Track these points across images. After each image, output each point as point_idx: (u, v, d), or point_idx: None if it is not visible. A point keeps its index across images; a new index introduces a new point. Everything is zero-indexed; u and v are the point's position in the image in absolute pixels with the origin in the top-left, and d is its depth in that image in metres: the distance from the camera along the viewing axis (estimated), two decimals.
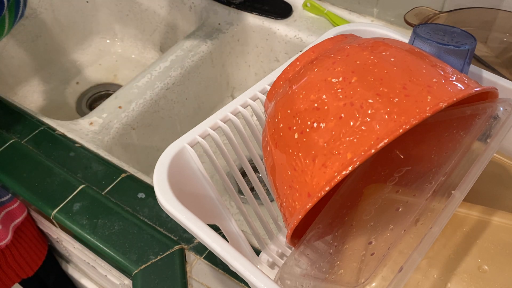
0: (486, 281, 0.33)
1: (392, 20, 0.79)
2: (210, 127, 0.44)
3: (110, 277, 0.59)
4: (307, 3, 0.84)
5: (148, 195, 0.57)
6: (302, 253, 0.40)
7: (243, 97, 0.46)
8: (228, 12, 0.86)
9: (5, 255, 0.62)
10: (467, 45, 0.42)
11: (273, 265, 0.48)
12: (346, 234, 0.39)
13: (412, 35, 0.44)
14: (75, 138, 0.65)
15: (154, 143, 0.80)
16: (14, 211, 0.62)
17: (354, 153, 0.31)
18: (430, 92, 0.32)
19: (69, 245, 0.62)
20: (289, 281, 0.37)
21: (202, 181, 0.44)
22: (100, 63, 1.04)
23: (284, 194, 0.36)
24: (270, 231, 0.50)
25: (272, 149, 0.37)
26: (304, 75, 0.37)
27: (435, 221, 0.30)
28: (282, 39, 0.83)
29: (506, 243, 0.34)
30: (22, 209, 0.63)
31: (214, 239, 0.35)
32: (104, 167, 0.61)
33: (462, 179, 0.32)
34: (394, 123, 0.31)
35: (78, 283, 0.71)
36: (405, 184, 0.39)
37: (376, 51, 0.35)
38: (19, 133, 0.65)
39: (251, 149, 0.47)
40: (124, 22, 1.06)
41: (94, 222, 0.55)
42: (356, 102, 0.32)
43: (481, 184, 0.36)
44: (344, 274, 0.35)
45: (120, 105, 0.73)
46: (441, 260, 0.34)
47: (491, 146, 0.33)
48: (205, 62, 0.84)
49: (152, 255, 0.51)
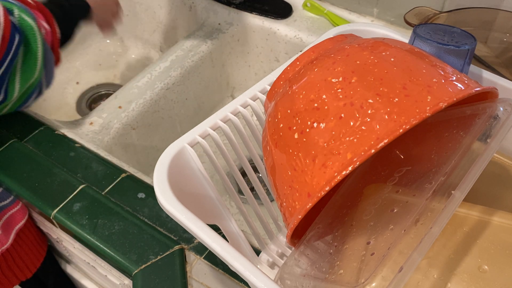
0: (486, 281, 0.33)
1: (392, 20, 0.79)
2: (210, 127, 0.44)
3: (110, 277, 0.59)
4: (307, 3, 0.84)
5: (148, 195, 0.57)
6: (302, 253, 0.40)
7: (243, 97, 0.46)
8: (228, 12, 0.86)
9: (6, 259, 0.62)
10: (467, 45, 0.42)
11: (273, 265, 0.48)
12: (346, 234, 0.39)
13: (412, 35, 0.44)
14: (75, 138, 0.65)
15: (154, 143, 0.80)
16: (15, 214, 0.62)
17: (354, 153, 0.31)
18: (430, 92, 0.32)
19: (69, 245, 0.62)
20: (289, 281, 0.37)
21: (202, 181, 0.44)
22: (100, 63, 1.04)
23: (284, 194, 0.36)
24: (270, 231, 0.50)
25: (272, 149, 0.37)
26: (304, 75, 0.37)
27: (435, 221, 0.30)
28: (282, 39, 0.83)
29: (506, 243, 0.34)
30: (24, 211, 0.63)
31: (214, 239, 0.35)
32: (104, 167, 0.61)
33: (462, 179, 0.32)
34: (394, 123, 0.31)
35: (78, 283, 0.71)
36: (405, 184, 0.39)
37: (376, 51, 0.35)
38: (19, 133, 0.65)
39: (251, 149, 0.47)
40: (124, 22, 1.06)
41: (94, 222, 0.55)
42: (356, 102, 0.32)
43: (481, 184, 0.36)
44: (344, 274, 0.35)
45: (120, 105, 0.73)
46: (441, 260, 0.34)
47: (491, 146, 0.33)
48: (205, 62, 0.84)
49: (152, 255, 0.51)
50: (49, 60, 0.59)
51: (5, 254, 0.61)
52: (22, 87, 0.56)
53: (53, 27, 0.61)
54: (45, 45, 0.58)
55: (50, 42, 0.60)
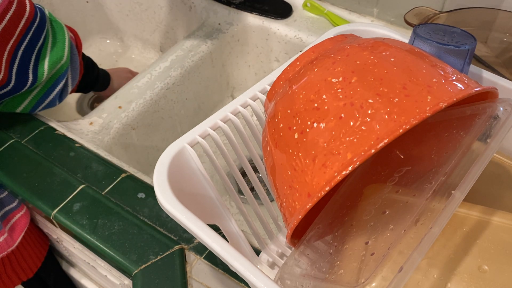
0: (486, 281, 0.33)
1: (392, 20, 0.79)
2: (210, 127, 0.44)
3: (110, 277, 0.59)
4: (307, 3, 0.84)
5: (148, 195, 0.57)
6: (302, 253, 0.40)
7: (243, 97, 0.46)
8: (228, 12, 0.86)
9: (10, 261, 0.62)
10: (467, 45, 0.42)
11: (273, 265, 0.48)
12: (346, 234, 0.39)
13: (412, 35, 0.44)
14: (75, 138, 0.65)
15: (154, 143, 0.80)
16: (22, 218, 0.62)
17: (354, 153, 0.31)
18: (430, 92, 0.32)
19: (69, 245, 0.62)
20: (289, 281, 0.37)
21: (202, 181, 0.44)
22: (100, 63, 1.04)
23: (284, 194, 0.36)
24: (270, 231, 0.50)
25: (272, 149, 0.37)
26: (304, 75, 0.37)
27: (435, 221, 0.30)
28: (282, 39, 0.83)
29: (506, 243, 0.34)
30: (28, 214, 0.63)
31: (214, 239, 0.35)
32: (104, 167, 0.61)
33: (462, 179, 0.32)
34: (394, 123, 0.31)
35: (78, 283, 0.71)
36: (405, 184, 0.39)
37: (376, 51, 0.35)
38: (19, 133, 0.65)
39: (251, 149, 0.47)
40: (124, 22, 1.06)
41: (94, 222, 0.55)
42: (356, 102, 0.32)
43: (481, 184, 0.36)
44: (344, 274, 0.35)
45: (120, 105, 0.73)
46: (441, 260, 0.34)
47: (491, 146, 0.33)
48: (205, 62, 0.84)
49: (152, 255, 0.51)
50: (74, 55, 0.66)
51: (10, 256, 0.61)
52: (50, 69, 0.61)
53: (77, 36, 0.69)
54: (72, 43, 0.65)
55: (74, 44, 0.67)
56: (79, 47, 0.69)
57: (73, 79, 0.68)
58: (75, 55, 0.67)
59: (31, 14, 0.58)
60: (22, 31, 0.57)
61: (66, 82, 0.66)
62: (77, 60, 0.68)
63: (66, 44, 0.63)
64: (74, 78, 0.68)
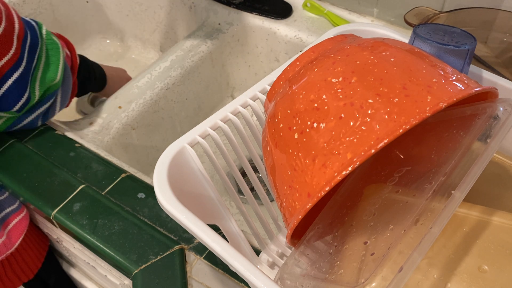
0: (486, 281, 0.33)
1: (392, 20, 0.79)
2: (210, 127, 0.44)
3: (110, 277, 0.59)
4: (307, 3, 0.84)
5: (148, 195, 0.57)
6: (302, 253, 0.40)
7: (243, 97, 0.46)
8: (228, 12, 0.86)
9: (10, 262, 0.62)
10: (467, 45, 0.42)
11: (273, 265, 0.48)
12: (346, 234, 0.39)
13: (412, 35, 0.44)
14: (75, 138, 0.65)
15: (154, 143, 0.80)
16: (21, 221, 0.62)
17: (354, 153, 0.31)
18: (430, 92, 0.32)
19: (69, 245, 0.62)
20: (289, 281, 0.37)
21: (202, 181, 0.44)
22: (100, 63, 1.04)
23: (284, 194, 0.36)
24: (270, 231, 0.50)
25: (272, 149, 0.37)
26: (304, 75, 0.37)
27: (435, 221, 0.30)
28: (282, 39, 0.83)
29: (506, 243, 0.34)
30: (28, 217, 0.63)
31: (214, 239, 0.35)
32: (104, 167, 0.61)
33: (462, 179, 0.32)
34: (394, 123, 0.31)
35: (78, 283, 0.71)
36: (405, 184, 0.39)
37: (376, 51, 0.35)
38: (19, 133, 0.65)
39: (251, 149, 0.47)
40: (124, 22, 1.06)
41: (94, 222, 0.55)
42: (356, 102, 0.32)
43: (481, 184, 0.36)
44: (344, 274, 0.35)
45: (120, 105, 0.73)
46: (441, 260, 0.34)
47: (491, 146, 0.33)
48: (205, 62, 0.84)
49: (152, 255, 0.51)
50: (68, 77, 0.64)
51: (9, 259, 0.62)
52: (42, 88, 0.59)
53: (74, 54, 0.67)
54: (66, 63, 0.63)
55: (69, 65, 0.65)
56: (74, 67, 0.66)
57: (63, 100, 0.65)
58: (69, 76, 0.64)
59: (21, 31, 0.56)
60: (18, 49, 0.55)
61: (53, 104, 0.63)
62: (70, 82, 0.65)
63: (60, 66, 0.61)
64: (64, 100, 0.65)
